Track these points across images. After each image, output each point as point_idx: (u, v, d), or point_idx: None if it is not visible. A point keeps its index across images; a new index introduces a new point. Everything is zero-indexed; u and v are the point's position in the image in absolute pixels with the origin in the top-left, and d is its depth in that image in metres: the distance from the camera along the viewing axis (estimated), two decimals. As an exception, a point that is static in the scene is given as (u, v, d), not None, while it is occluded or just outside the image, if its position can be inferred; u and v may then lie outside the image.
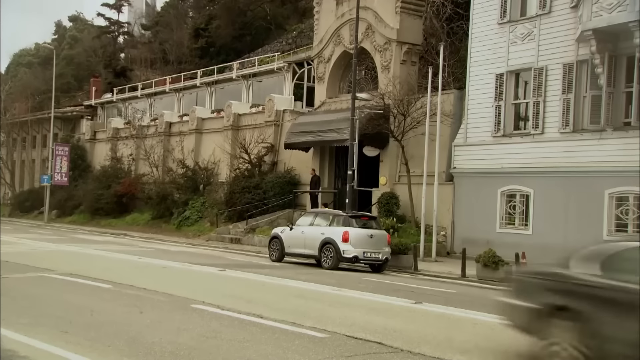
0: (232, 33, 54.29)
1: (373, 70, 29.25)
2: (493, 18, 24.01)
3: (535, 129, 22.55)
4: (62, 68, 63.30)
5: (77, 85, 66.08)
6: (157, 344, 7.83)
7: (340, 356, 7.71)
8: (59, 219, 44.49)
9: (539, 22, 22.63)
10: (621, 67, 20.37)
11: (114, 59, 66.43)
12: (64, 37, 78.45)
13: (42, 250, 21.58)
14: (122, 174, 41.56)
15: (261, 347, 7.95)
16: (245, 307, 10.68)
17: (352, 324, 9.72)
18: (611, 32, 19.82)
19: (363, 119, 25.79)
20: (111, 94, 51.83)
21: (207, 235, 31.12)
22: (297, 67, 36.53)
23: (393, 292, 14.26)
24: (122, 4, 68.32)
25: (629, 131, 20.00)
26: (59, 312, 9.91)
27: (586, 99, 21.23)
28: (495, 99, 23.77)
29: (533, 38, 22.77)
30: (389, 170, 27.54)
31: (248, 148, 32.99)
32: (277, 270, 17.98)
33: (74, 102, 58.42)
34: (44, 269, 15.41)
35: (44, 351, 7.36)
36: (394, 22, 27.61)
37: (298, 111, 33.98)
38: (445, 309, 12.03)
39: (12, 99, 57.02)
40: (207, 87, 42.86)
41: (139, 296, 11.72)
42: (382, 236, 20.10)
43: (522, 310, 8.03)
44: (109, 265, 17.70)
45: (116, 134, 45.88)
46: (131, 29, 72.39)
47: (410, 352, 8.06)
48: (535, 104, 22.60)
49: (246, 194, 31.21)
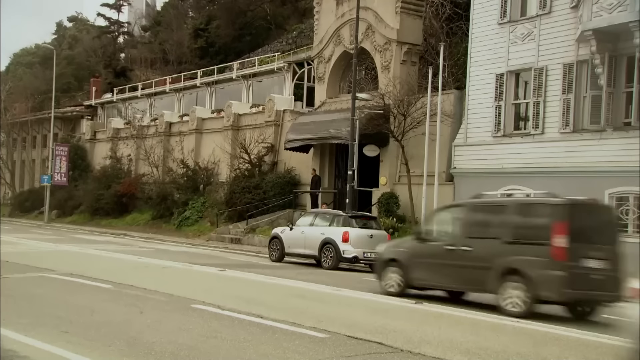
0: (232, 33, 54.27)
1: (373, 70, 29.25)
2: (493, 18, 24.00)
3: (535, 129, 22.55)
4: (62, 68, 63.23)
5: (77, 85, 66.03)
6: (158, 344, 7.83)
7: (340, 356, 7.71)
8: (59, 219, 44.49)
9: (539, 22, 22.62)
10: (621, 67, 20.37)
11: (114, 59, 66.41)
12: (64, 37, 78.41)
13: (42, 250, 21.57)
14: (122, 174, 41.55)
15: (261, 347, 7.95)
16: (245, 307, 10.68)
17: (352, 324, 9.72)
18: (611, 32, 19.82)
19: (363, 119, 25.80)
20: (111, 94, 51.82)
21: (207, 235, 31.13)
22: (297, 67, 36.53)
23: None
24: (122, 4, 68.27)
25: (629, 131, 20.00)
26: (59, 312, 9.91)
27: (586, 99, 21.23)
28: (496, 99, 23.76)
29: (533, 38, 22.76)
30: (389, 170, 27.54)
31: (248, 148, 32.99)
32: (277, 270, 17.99)
33: (74, 102, 58.40)
34: (44, 269, 15.41)
35: (44, 351, 7.36)
36: (394, 22, 27.61)
37: (298, 111, 33.97)
38: (445, 309, 12.03)
39: (12, 99, 56.93)
40: (207, 87, 42.86)
41: (139, 296, 11.72)
42: (382, 236, 20.10)
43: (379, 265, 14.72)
44: (109, 265, 17.69)
45: (116, 134, 45.87)
46: (131, 29, 72.36)
47: (410, 352, 8.06)
48: (536, 104, 22.59)
49: (246, 194, 31.20)
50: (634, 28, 18.99)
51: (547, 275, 11.47)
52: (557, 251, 11.42)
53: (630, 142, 19.63)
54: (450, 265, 12.88)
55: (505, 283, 11.87)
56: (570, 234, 11.49)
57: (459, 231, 13.16)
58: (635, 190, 19.61)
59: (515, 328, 10.36)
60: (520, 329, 10.32)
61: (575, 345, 9.29)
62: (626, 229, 20.06)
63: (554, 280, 11.43)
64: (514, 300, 11.73)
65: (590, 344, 9.40)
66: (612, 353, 8.90)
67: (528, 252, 11.79)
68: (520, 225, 12.32)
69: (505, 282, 11.87)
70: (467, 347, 8.60)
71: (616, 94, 20.43)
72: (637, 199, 19.81)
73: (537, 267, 11.57)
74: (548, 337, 9.69)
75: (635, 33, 18.95)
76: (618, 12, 19.36)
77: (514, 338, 9.58)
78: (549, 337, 9.69)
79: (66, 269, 15.43)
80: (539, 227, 11.99)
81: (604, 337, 9.84)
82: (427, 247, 13.64)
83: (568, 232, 11.48)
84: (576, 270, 11.52)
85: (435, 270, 13.26)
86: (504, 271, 11.91)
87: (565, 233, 11.46)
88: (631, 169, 19.26)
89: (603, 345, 9.32)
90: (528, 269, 11.64)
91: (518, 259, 11.82)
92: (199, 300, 11.33)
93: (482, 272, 12.21)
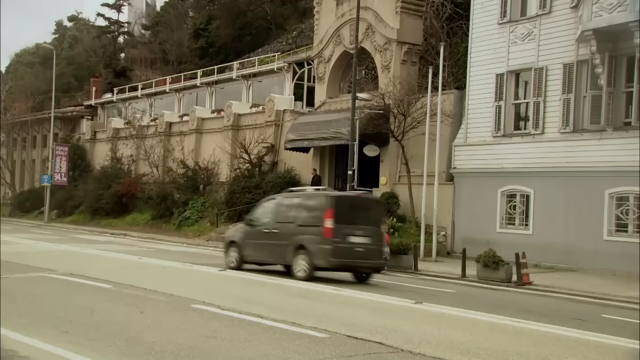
0: (232, 33, 54.27)
1: (373, 70, 29.26)
2: (493, 18, 24.01)
3: (535, 129, 22.56)
4: (62, 68, 63.26)
5: (77, 85, 66.05)
6: (158, 344, 7.83)
7: (340, 356, 7.71)
8: (59, 219, 44.47)
9: (539, 22, 22.63)
10: (621, 67, 20.38)
11: (114, 59, 66.43)
12: (64, 37, 78.40)
13: (43, 250, 21.57)
14: (122, 174, 41.53)
15: (261, 347, 7.95)
16: (245, 307, 10.68)
17: (352, 323, 9.72)
18: (611, 32, 19.83)
19: (363, 119, 25.80)
20: (111, 94, 51.82)
21: (207, 235, 31.12)
22: (297, 67, 36.54)
23: (393, 292, 14.28)
24: (122, 4, 68.30)
25: (629, 131, 20.00)
26: (60, 312, 9.91)
27: (586, 99, 21.24)
28: (496, 99, 23.77)
29: (533, 38, 22.77)
30: (389, 170, 27.55)
31: (248, 148, 32.98)
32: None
33: (74, 102, 58.42)
34: (44, 269, 15.42)
35: (45, 351, 7.36)
36: (394, 22, 27.62)
37: (298, 111, 33.98)
38: (445, 309, 12.02)
39: (13, 99, 56.98)
40: (207, 87, 42.86)
41: (139, 296, 11.72)
42: (381, 236, 20.15)
43: (225, 245, 18.32)
44: (109, 265, 17.69)
45: (116, 134, 45.87)
46: (131, 29, 72.36)
47: (410, 352, 8.06)
48: (536, 104, 22.60)
49: (246, 194, 31.19)
50: (634, 28, 19.00)
51: (320, 249, 15.42)
52: (326, 231, 15.40)
53: (630, 142, 19.64)
54: (266, 244, 16.79)
55: (296, 255, 15.78)
56: (336, 218, 15.39)
57: (272, 217, 17.08)
58: (635, 190, 19.62)
59: (515, 328, 10.36)
60: (521, 328, 10.32)
61: (575, 345, 9.29)
62: (626, 229, 20.10)
63: (324, 252, 15.38)
64: (301, 268, 15.62)
65: (590, 344, 9.40)
66: (612, 353, 8.91)
67: (310, 232, 15.78)
68: (306, 212, 16.32)
69: (297, 255, 15.77)
70: (467, 347, 8.60)
71: (616, 94, 20.44)
72: (637, 199, 19.81)
73: (314, 243, 15.51)
74: (548, 337, 9.69)
75: (635, 33, 18.96)
76: (618, 12, 19.37)
77: (514, 338, 9.58)
78: (549, 337, 9.69)
79: (66, 269, 15.44)
80: (317, 214, 15.87)
81: (604, 337, 9.84)
82: (253, 231, 17.45)
83: (334, 217, 15.40)
84: (341, 244, 15.45)
85: (258, 248, 17.10)
86: (296, 247, 15.81)
87: (331, 217, 15.40)
88: (631, 169, 19.28)
89: (603, 345, 9.32)
90: (309, 244, 15.60)
91: (304, 237, 15.81)
92: (199, 300, 11.33)
93: (284, 248, 16.08)
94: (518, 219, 23.02)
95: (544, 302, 14.74)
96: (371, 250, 15.81)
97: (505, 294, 16.04)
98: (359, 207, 16.59)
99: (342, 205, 15.91)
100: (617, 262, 19.68)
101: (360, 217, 16.12)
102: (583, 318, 12.19)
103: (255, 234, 17.22)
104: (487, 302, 13.92)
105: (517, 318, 11.26)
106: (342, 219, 15.46)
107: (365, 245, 15.75)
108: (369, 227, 15.99)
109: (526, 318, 11.33)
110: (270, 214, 17.20)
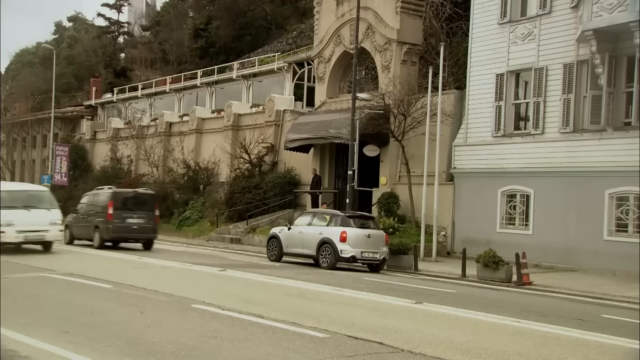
0: (232, 33, 54.26)
1: (373, 70, 29.26)
2: (493, 18, 24.02)
3: (535, 129, 22.56)
4: (62, 68, 63.27)
5: (77, 85, 66.03)
6: (158, 344, 7.84)
7: (340, 356, 7.71)
8: (59, 219, 44.38)
9: (539, 22, 22.64)
10: (621, 67, 20.37)
11: (114, 59, 66.41)
12: (64, 37, 78.39)
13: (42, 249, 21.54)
14: (122, 174, 41.52)
15: (262, 347, 7.95)
16: (245, 307, 10.69)
17: (352, 323, 9.73)
18: (611, 32, 19.82)
19: (363, 119, 25.79)
20: (111, 94, 51.80)
21: (207, 235, 31.13)
22: (298, 67, 36.54)
23: (393, 292, 14.27)
24: (122, 4, 68.30)
25: (629, 131, 20.00)
26: (60, 312, 9.92)
27: (586, 99, 21.24)
28: (496, 99, 23.78)
29: (533, 38, 22.77)
30: (389, 170, 27.55)
31: (248, 148, 32.99)
32: (276, 270, 17.98)
33: (74, 102, 58.40)
34: (44, 269, 15.43)
35: (45, 351, 7.37)
36: (394, 22, 27.62)
37: (298, 111, 33.97)
38: (445, 309, 12.03)
39: (13, 99, 56.94)
40: (207, 87, 42.86)
41: (140, 296, 11.73)
42: (379, 236, 20.10)
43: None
44: (109, 265, 17.71)
45: (116, 134, 45.85)
46: (131, 29, 72.33)
47: (410, 352, 8.07)
48: (536, 104, 22.60)
49: (246, 194, 31.21)
50: (634, 28, 19.00)
51: (105, 227, 22.91)
52: (108, 215, 22.82)
53: (630, 142, 19.64)
54: (83, 225, 24.26)
55: (95, 232, 23.53)
56: (115, 207, 22.91)
57: (85, 206, 24.82)
58: (635, 190, 19.63)
59: (515, 328, 10.37)
60: (521, 329, 10.33)
61: (575, 345, 9.29)
62: (626, 229, 20.10)
63: (107, 229, 22.88)
64: (95, 240, 23.41)
65: (590, 344, 9.40)
66: (612, 353, 8.91)
67: (101, 216, 23.14)
68: (99, 203, 23.84)
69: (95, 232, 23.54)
70: (467, 347, 8.60)
71: (616, 94, 20.44)
72: (637, 199, 19.81)
73: (102, 224, 22.97)
74: (548, 337, 9.69)
75: (635, 33, 18.96)
76: (618, 12, 19.37)
77: (514, 338, 9.58)
78: (549, 337, 9.70)
79: (66, 269, 15.45)
80: (105, 204, 23.36)
81: (604, 337, 9.85)
82: (76, 217, 24.96)
83: (113, 206, 22.96)
84: (119, 224, 22.85)
85: (83, 229, 24.25)
86: (94, 226, 23.46)
87: (111, 206, 22.91)
88: (631, 169, 19.28)
89: (603, 345, 9.32)
90: (99, 225, 23.07)
91: (98, 220, 23.25)
92: (199, 300, 11.33)
93: (89, 228, 23.75)
94: (518, 219, 23.02)
95: (544, 302, 14.75)
96: (144, 227, 23.34)
97: (506, 294, 16.04)
98: (136, 198, 23.96)
99: (122, 198, 23.75)
100: (617, 262, 19.68)
101: (137, 206, 23.62)
102: (583, 318, 12.18)
103: (77, 218, 24.85)
104: (487, 302, 13.92)
105: (517, 318, 11.26)
106: (122, 207, 23.17)
107: (139, 224, 23.26)
108: (145, 212, 23.48)
109: (526, 318, 11.34)
110: (85, 204, 24.97)
